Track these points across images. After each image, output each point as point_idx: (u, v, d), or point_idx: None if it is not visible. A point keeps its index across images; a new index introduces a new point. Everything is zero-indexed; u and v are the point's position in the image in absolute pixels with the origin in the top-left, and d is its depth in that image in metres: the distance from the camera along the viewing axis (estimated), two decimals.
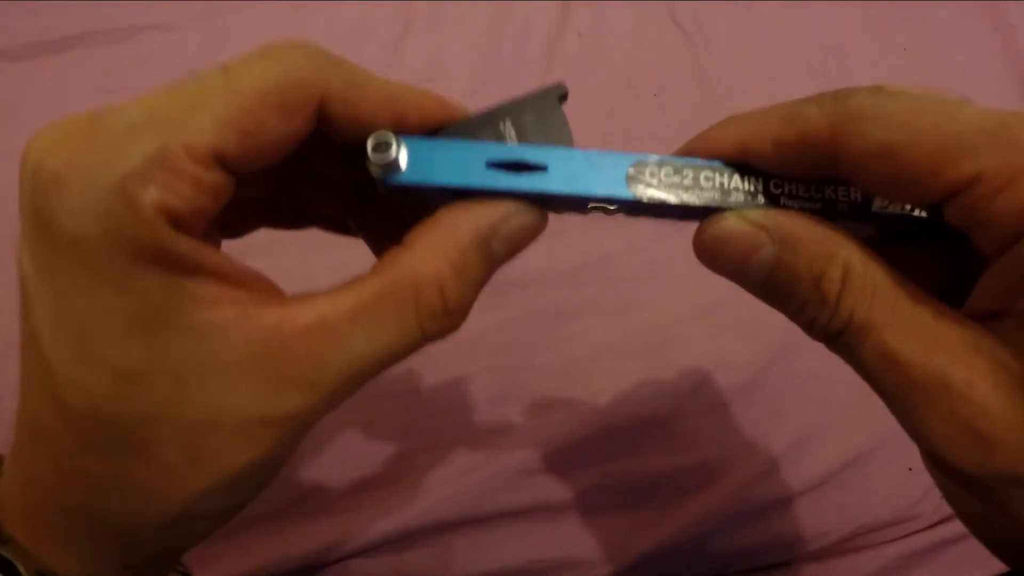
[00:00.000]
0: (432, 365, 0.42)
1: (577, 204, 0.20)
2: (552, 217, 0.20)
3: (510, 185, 0.20)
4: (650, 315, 0.43)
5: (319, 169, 0.24)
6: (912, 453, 0.42)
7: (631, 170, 0.20)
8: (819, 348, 0.43)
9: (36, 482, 0.19)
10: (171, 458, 0.18)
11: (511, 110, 0.20)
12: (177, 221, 0.16)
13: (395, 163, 0.19)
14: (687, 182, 0.20)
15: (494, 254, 0.20)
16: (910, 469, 0.42)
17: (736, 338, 0.43)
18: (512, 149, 0.20)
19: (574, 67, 0.51)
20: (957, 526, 0.42)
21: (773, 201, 0.20)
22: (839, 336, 0.19)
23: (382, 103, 0.19)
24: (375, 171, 0.19)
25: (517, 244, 0.20)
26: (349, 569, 0.38)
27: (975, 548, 0.41)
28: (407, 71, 0.51)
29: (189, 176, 0.16)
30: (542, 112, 0.21)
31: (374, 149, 0.19)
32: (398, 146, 0.19)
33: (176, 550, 0.21)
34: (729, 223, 0.19)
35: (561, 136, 0.20)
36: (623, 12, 0.55)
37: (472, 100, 0.52)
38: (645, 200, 0.20)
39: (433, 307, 0.19)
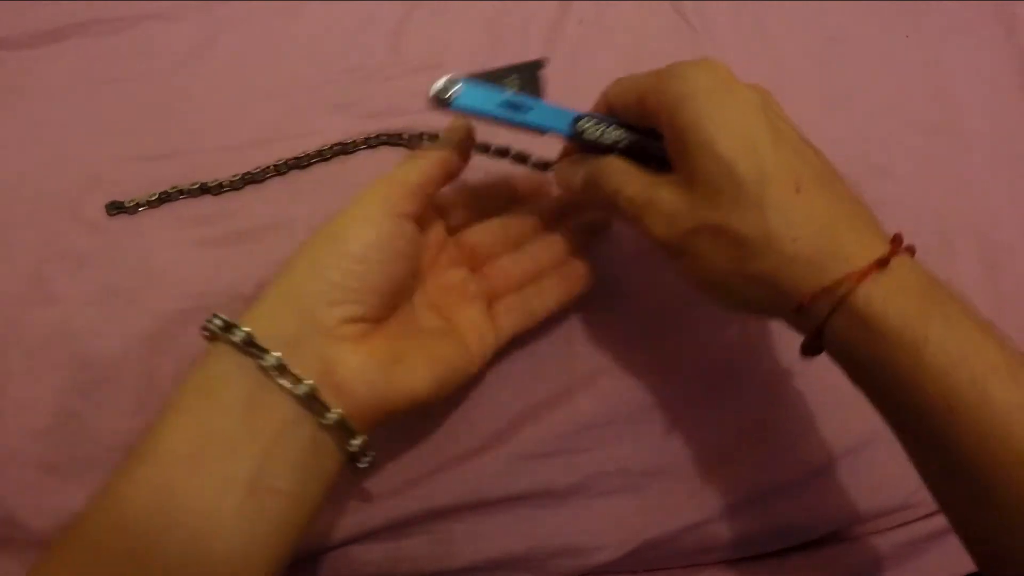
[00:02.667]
0: None
1: (543, 132, 0.35)
2: None
3: (511, 116, 0.34)
4: (652, 298, 0.43)
5: None
6: None
7: (574, 118, 0.35)
8: None
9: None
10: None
11: (516, 69, 0.35)
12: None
13: (453, 94, 0.33)
14: (599, 130, 0.35)
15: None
16: None
17: (736, 323, 0.43)
18: (515, 96, 0.34)
19: (575, 53, 0.51)
20: None
21: (630, 140, 0.35)
22: (613, 197, 0.34)
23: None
24: (439, 99, 0.33)
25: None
26: (348, 555, 0.38)
27: None
28: (409, 58, 0.51)
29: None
30: (530, 74, 0.35)
31: (445, 85, 0.33)
32: (457, 85, 0.33)
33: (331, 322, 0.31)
34: (561, 165, 0.38)
35: (539, 91, 0.35)
36: None
37: None
38: (576, 138, 0.35)
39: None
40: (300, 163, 0.47)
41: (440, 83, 0.33)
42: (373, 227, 0.32)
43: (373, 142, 0.48)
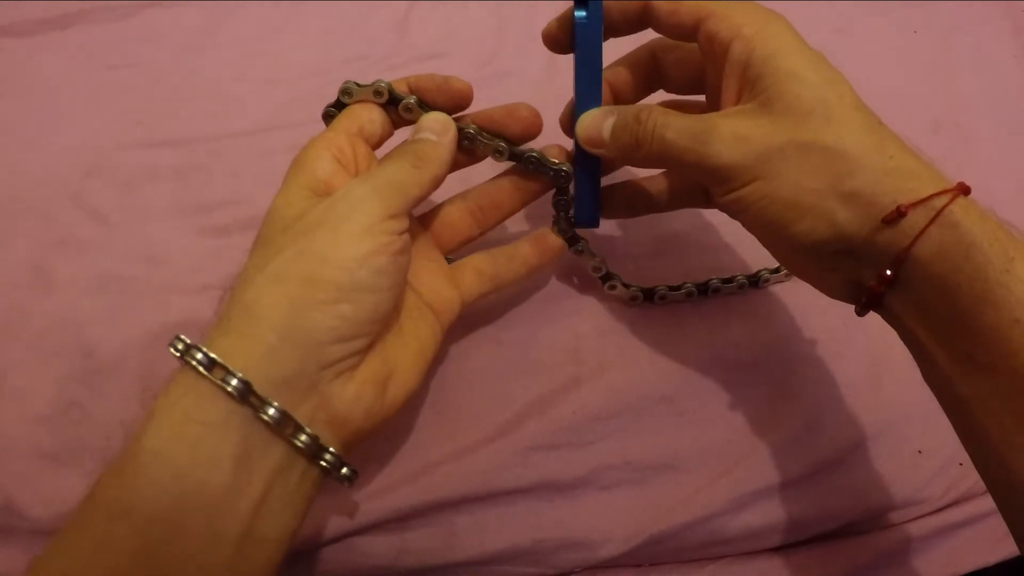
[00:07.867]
0: None
1: None
2: None
3: None
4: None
5: None
6: (920, 436, 0.42)
7: None
8: (828, 329, 0.43)
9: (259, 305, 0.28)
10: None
11: None
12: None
13: None
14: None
15: None
16: (919, 452, 0.42)
17: (745, 317, 0.43)
18: None
19: None
20: (965, 510, 0.41)
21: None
22: (651, 138, 0.32)
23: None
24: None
25: None
26: (352, 547, 0.37)
27: (983, 532, 0.41)
28: (413, 47, 0.51)
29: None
30: None
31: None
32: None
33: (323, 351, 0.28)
34: (585, 119, 0.35)
35: None
36: None
37: (480, 76, 0.51)
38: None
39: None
40: None
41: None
42: (382, 252, 0.29)
43: None
